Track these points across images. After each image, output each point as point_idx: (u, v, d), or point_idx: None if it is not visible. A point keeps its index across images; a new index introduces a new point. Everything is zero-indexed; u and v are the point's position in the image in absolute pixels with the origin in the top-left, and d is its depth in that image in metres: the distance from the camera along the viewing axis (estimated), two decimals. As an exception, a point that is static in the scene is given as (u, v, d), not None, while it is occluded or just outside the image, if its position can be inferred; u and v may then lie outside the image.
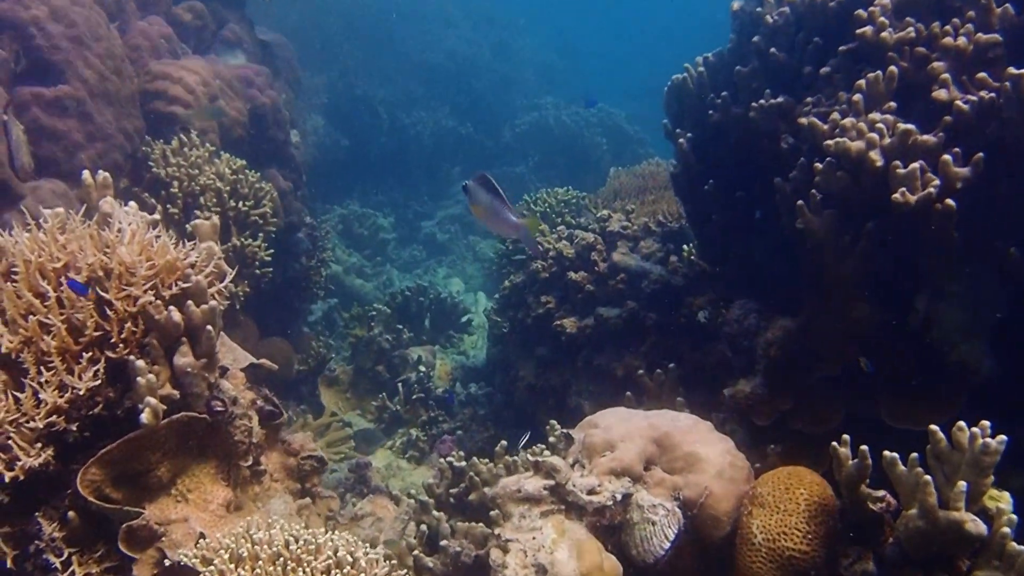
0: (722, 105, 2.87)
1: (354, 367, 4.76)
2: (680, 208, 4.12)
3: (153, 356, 1.98)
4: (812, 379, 2.59)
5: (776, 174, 2.62)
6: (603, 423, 2.43)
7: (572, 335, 3.74)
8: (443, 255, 9.42)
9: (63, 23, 3.05)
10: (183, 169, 3.39)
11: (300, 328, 5.27)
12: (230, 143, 3.79)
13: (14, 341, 1.87)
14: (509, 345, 4.41)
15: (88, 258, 1.94)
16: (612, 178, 4.97)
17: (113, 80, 3.21)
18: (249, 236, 3.57)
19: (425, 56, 11.28)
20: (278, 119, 4.11)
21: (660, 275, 3.64)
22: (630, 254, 3.78)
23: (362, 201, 9.74)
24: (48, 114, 3.01)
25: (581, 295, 3.78)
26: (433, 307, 5.67)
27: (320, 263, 4.81)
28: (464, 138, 10.83)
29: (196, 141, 3.52)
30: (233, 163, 3.59)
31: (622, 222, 3.91)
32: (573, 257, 3.85)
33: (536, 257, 3.82)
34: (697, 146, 3.08)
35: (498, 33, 13.23)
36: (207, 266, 2.12)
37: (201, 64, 3.72)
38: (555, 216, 4.69)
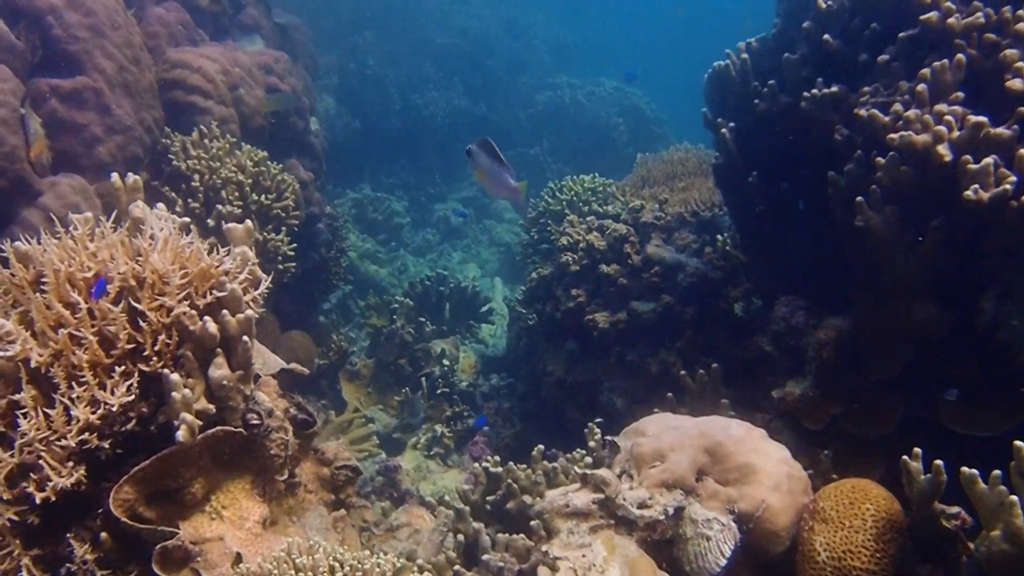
0: (768, 94, 2.77)
1: (375, 360, 4.69)
2: (713, 196, 4.04)
3: (188, 368, 1.91)
4: (867, 382, 2.51)
5: (828, 167, 2.53)
6: (651, 430, 2.36)
7: (604, 330, 3.66)
8: (457, 239, 9.34)
9: (80, 12, 2.96)
10: (204, 162, 3.31)
11: (317, 318, 5.21)
12: (250, 133, 3.71)
13: (44, 355, 1.80)
14: (536, 338, 4.34)
15: (120, 267, 1.86)
16: (639, 164, 4.86)
17: (132, 70, 3.13)
18: (272, 230, 3.49)
19: (437, 34, 11.13)
20: (298, 107, 4.03)
21: (696, 268, 3.56)
22: (664, 246, 3.69)
23: (374, 184, 9.66)
24: (66, 106, 2.93)
25: (614, 288, 3.70)
26: (453, 297, 5.60)
27: (340, 253, 4.74)
28: (478, 119, 10.70)
29: (216, 132, 3.44)
30: (254, 155, 3.51)
31: (655, 212, 3.82)
32: (605, 249, 3.77)
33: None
34: (740, 136, 2.99)
35: (509, 9, 13.05)
36: (241, 272, 2.05)
37: (220, 51, 3.63)
38: (581, 204, 4.60)
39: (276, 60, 3.98)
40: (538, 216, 4.81)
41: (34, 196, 2.83)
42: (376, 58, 10.18)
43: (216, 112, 3.51)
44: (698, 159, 4.75)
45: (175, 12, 3.65)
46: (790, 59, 2.67)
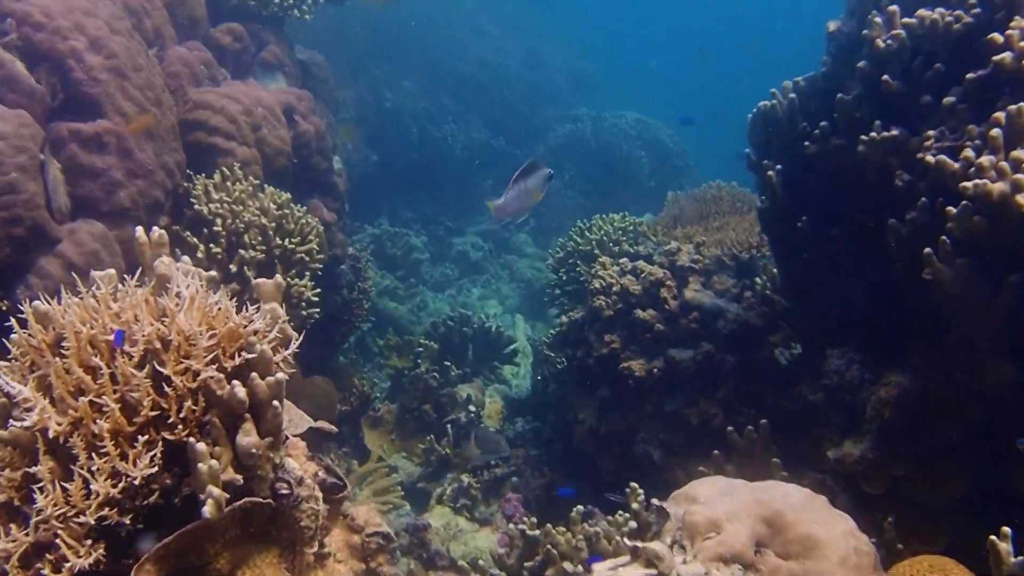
0: (820, 136, 2.67)
1: (398, 405, 4.58)
2: (751, 237, 3.93)
3: (214, 436, 1.80)
4: (933, 444, 2.37)
5: (886, 213, 2.42)
6: (703, 496, 2.23)
7: (640, 378, 3.54)
8: (476, 274, 9.27)
9: (102, 54, 2.90)
10: (226, 205, 3.23)
11: (337, 360, 5.11)
12: (273, 174, 3.63)
13: (63, 423, 1.70)
14: (566, 384, 4.23)
15: (144, 328, 1.76)
16: (671, 203, 4.77)
17: (153, 112, 3.06)
18: (295, 275, 3.40)
19: (455, 66, 11.14)
20: (321, 147, 3.96)
21: (737, 314, 3.44)
22: (703, 290, 3.58)
23: (391, 218, 9.62)
24: (86, 151, 2.86)
25: (649, 335, 3.58)
26: (477, 337, 5.49)
27: (362, 294, 4.64)
28: (496, 151, 10.68)
29: (239, 174, 3.36)
30: (278, 197, 3.44)
31: (692, 255, 3.71)
32: (640, 293, 3.66)
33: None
34: (787, 179, 2.88)
35: (527, 41, 13.07)
36: (271, 331, 1.95)
37: (243, 91, 3.57)
38: (611, 244, 4.50)
39: (299, 98, 3.92)
40: (566, 256, 4.71)
41: (52, 244, 2.75)
42: (394, 91, 10.19)
43: (239, 153, 3.44)
44: (732, 197, 4.65)
45: (197, 51, 3.59)
46: (844, 100, 2.57)
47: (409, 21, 11.03)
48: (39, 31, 2.79)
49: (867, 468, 2.49)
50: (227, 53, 3.89)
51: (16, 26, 2.80)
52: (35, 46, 2.80)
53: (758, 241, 4.02)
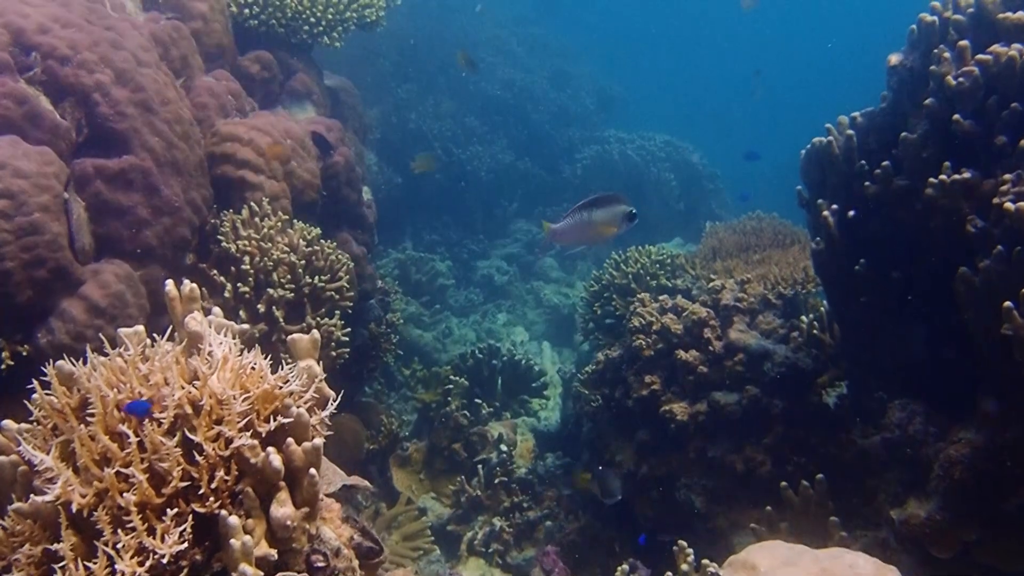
0: (882, 176, 2.55)
1: (427, 444, 4.47)
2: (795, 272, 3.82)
3: (247, 507, 1.70)
4: (1008, 507, 2.23)
5: (956, 260, 2.30)
6: (763, 566, 2.11)
7: (682, 422, 3.42)
8: (501, 299, 9.17)
9: (129, 87, 2.84)
10: (254, 242, 3.16)
11: (363, 395, 5.02)
12: (301, 207, 3.56)
13: (87, 495, 1.61)
14: (601, 424, 4.10)
15: (175, 391, 1.67)
16: (709, 235, 4.65)
17: (181, 147, 2.99)
18: (324, 314, 3.31)
19: (481, 87, 11.08)
20: (351, 178, 3.88)
21: (785, 357, 3.31)
22: (748, 331, 3.45)
23: (415, 240, 9.56)
24: (111, 188, 2.79)
25: (692, 377, 3.46)
26: (506, 370, 5.38)
27: (390, 328, 4.55)
28: (523, 173, 10.59)
29: (268, 209, 3.29)
30: (307, 233, 3.36)
31: (735, 293, 3.59)
32: (682, 333, 3.54)
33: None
34: (844, 220, 2.76)
35: (553, 61, 13.01)
36: (308, 391, 1.85)
37: (271, 122, 3.50)
38: (648, 278, 4.38)
39: (329, 129, 3.84)
40: (601, 289, 4.60)
41: (75, 285, 2.68)
42: (418, 112, 10.14)
43: (267, 188, 3.36)
44: (773, 230, 4.52)
45: (225, 81, 3.53)
46: (909, 139, 2.46)
47: (435, 42, 11.01)
48: (65, 65, 2.73)
49: (934, 531, 2.35)
50: (255, 82, 3.83)
51: (41, 59, 2.74)
52: (60, 80, 2.74)
53: (803, 277, 3.89)
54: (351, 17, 4.02)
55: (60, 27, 2.77)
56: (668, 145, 10.57)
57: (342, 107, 4.66)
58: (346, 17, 4.00)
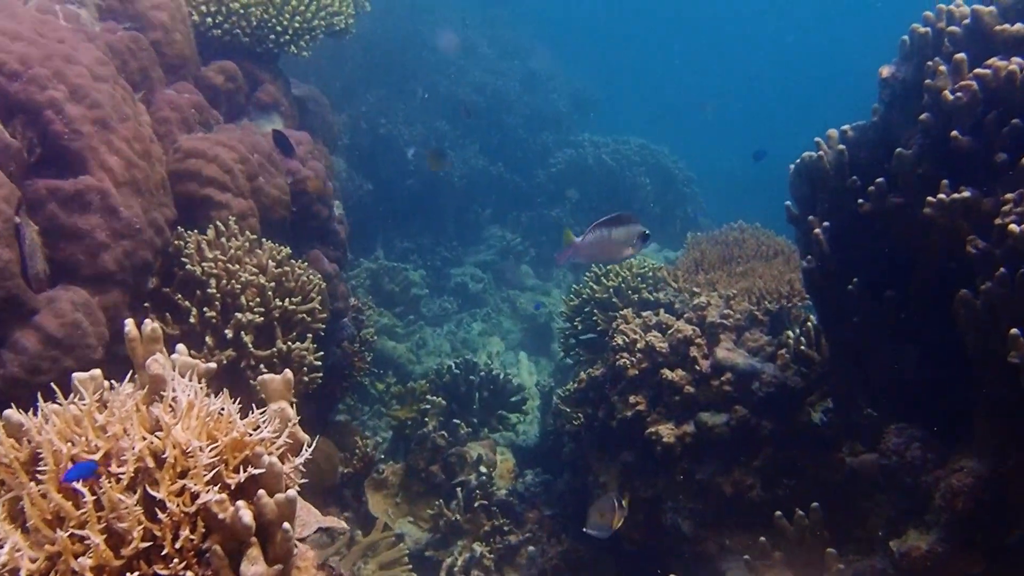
0: (876, 193, 2.49)
1: (404, 466, 4.36)
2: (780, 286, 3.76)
3: (215, 567, 1.59)
4: (1013, 537, 2.18)
5: (955, 281, 2.24)
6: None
7: (669, 445, 3.34)
8: (476, 307, 9.08)
9: (84, 104, 2.70)
10: (221, 264, 3.03)
11: (336, 415, 4.91)
12: (270, 225, 3.44)
13: (38, 559, 1.49)
14: (584, 444, 4.02)
15: (135, 443, 1.56)
16: (691, 245, 4.58)
17: (141, 166, 2.86)
18: (295, 337, 3.20)
19: (452, 90, 10.97)
20: (322, 194, 3.76)
21: (773, 376, 3.25)
22: (736, 349, 3.39)
23: (387, 248, 9.44)
24: (67, 211, 2.66)
25: (678, 397, 3.39)
26: (484, 386, 5.29)
27: (363, 345, 4.44)
28: (495, 178, 10.52)
29: (235, 229, 3.16)
30: (276, 253, 3.24)
31: (721, 310, 3.52)
32: (667, 352, 3.46)
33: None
34: (836, 238, 2.70)
35: (526, 63, 12.93)
36: (280, 436, 1.74)
37: (238, 137, 3.37)
38: (630, 292, 4.30)
39: (298, 142, 3.72)
40: (581, 304, 4.52)
41: (29, 315, 2.54)
42: (388, 117, 10.01)
43: (234, 206, 3.24)
44: (756, 240, 4.46)
45: (188, 94, 3.40)
46: (904, 155, 2.39)
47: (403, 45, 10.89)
48: (15, 81, 2.60)
49: (937, 564, 2.29)
50: (219, 94, 3.70)
51: (-10, 76, 2.61)
52: (10, 97, 2.60)
53: (789, 291, 3.84)
54: (319, 25, 3.90)
55: (9, 40, 2.64)
56: (643, 149, 10.53)
57: (311, 117, 4.54)
58: (314, 25, 3.88)
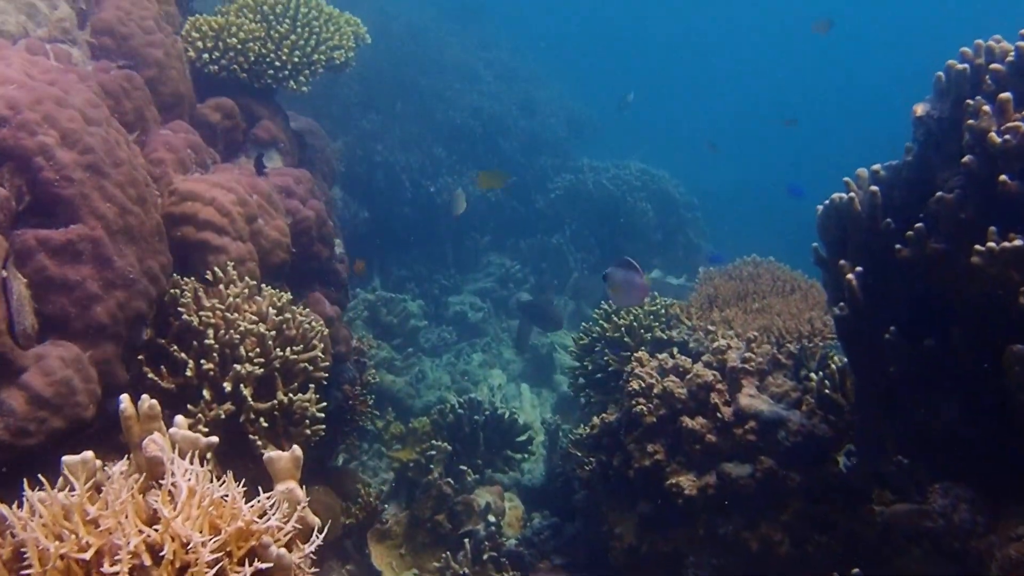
0: (915, 239, 2.37)
1: (408, 515, 4.21)
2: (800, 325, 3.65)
3: (220, 674, 1.45)
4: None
5: (1005, 334, 2.12)
6: None
7: (691, 497, 3.21)
8: (476, 337, 8.95)
9: (76, 149, 2.58)
10: (219, 313, 2.91)
11: (336, 460, 4.76)
12: (270, 269, 3.31)
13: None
14: (597, 492, 3.88)
15: (131, 538, 1.42)
16: (703, 281, 4.47)
17: (135, 212, 2.74)
18: (297, 388, 3.07)
19: (448, 115, 10.89)
20: (323, 233, 3.64)
21: (801, 424, 3.12)
22: (759, 395, 3.26)
23: (383, 277, 9.32)
24: (58, 262, 2.53)
25: (700, 446, 3.25)
26: (488, 425, 5.15)
27: (365, 388, 4.30)
28: (494, 205, 10.41)
29: (233, 275, 3.04)
30: (277, 299, 3.11)
31: (742, 353, 3.40)
32: (686, 398, 3.33)
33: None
34: (870, 284, 2.58)
35: (522, 85, 12.86)
36: (289, 521, 1.61)
37: (235, 177, 3.25)
38: (643, 331, 4.19)
39: (297, 180, 3.61)
40: (591, 342, 4.39)
41: (15, 373, 2.41)
42: (385, 143, 9.91)
43: (232, 250, 3.11)
44: (771, 275, 4.36)
45: (183, 134, 3.28)
46: (945, 199, 2.28)
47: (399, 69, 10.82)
48: (2, 126, 2.48)
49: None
50: (216, 131, 3.58)
51: (-24, 121, 2.48)
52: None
53: (809, 330, 3.73)
54: (319, 60, 3.80)
55: (-4, 83, 2.52)
56: (644, 174, 10.45)
57: (309, 151, 4.43)
58: (313, 60, 3.78)
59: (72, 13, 3.17)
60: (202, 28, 3.61)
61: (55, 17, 3.08)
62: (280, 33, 3.73)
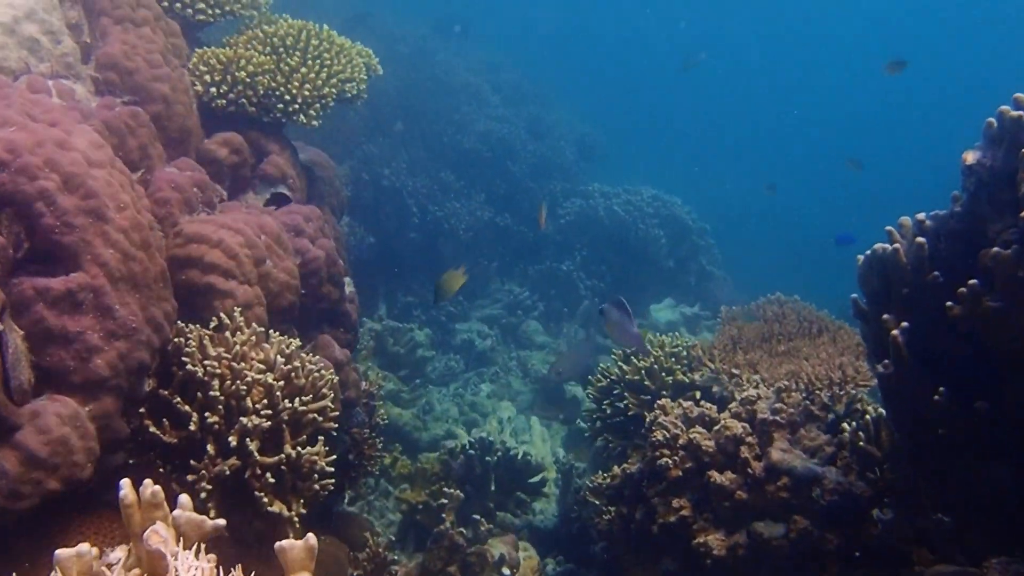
0: (968, 296, 2.25)
1: (419, 567, 4.08)
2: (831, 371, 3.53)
3: None
4: None
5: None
6: None
7: (719, 557, 3.08)
8: (483, 366, 8.84)
9: (78, 194, 2.48)
10: (225, 362, 2.79)
11: (342, 505, 4.63)
12: (278, 313, 3.20)
13: None
14: (618, 545, 3.74)
15: (130, 649, 1.30)
16: (726, 321, 4.35)
17: (139, 258, 2.63)
18: (305, 441, 2.94)
19: (456, 139, 10.81)
20: (332, 273, 3.53)
21: (837, 482, 2.99)
22: (791, 450, 3.13)
23: (389, 302, 9.22)
24: (56, 313, 2.42)
25: (729, 503, 3.12)
26: (500, 466, 5.03)
27: (374, 432, 4.18)
28: (502, 230, 10.30)
29: (240, 321, 2.93)
30: (285, 345, 3.00)
31: (772, 403, 3.27)
32: (713, 451, 3.21)
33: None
34: (917, 341, 2.46)
35: (529, 108, 12.79)
36: (304, 622, 1.49)
37: (243, 218, 3.14)
38: (663, 373, 4.06)
39: (307, 218, 3.50)
40: (609, 385, 4.27)
41: (9, 432, 2.29)
42: (391, 167, 9.82)
43: (239, 295, 3.00)
44: (798, 316, 4.23)
45: (190, 172, 3.18)
46: (1002, 255, 2.17)
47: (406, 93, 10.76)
48: (1, 171, 2.38)
49: None
50: (223, 168, 3.48)
51: (-28, 165, 2.38)
52: (-6, 188, 2.37)
53: (840, 377, 3.60)
54: (330, 93, 3.70)
55: (-5, 125, 2.42)
56: (656, 200, 10.34)
57: (318, 184, 4.32)
58: (324, 93, 3.68)
59: (76, 47, 3.07)
60: (210, 61, 3.51)
61: (58, 52, 2.99)
62: (290, 66, 3.63)
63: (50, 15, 3.01)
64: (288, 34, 3.73)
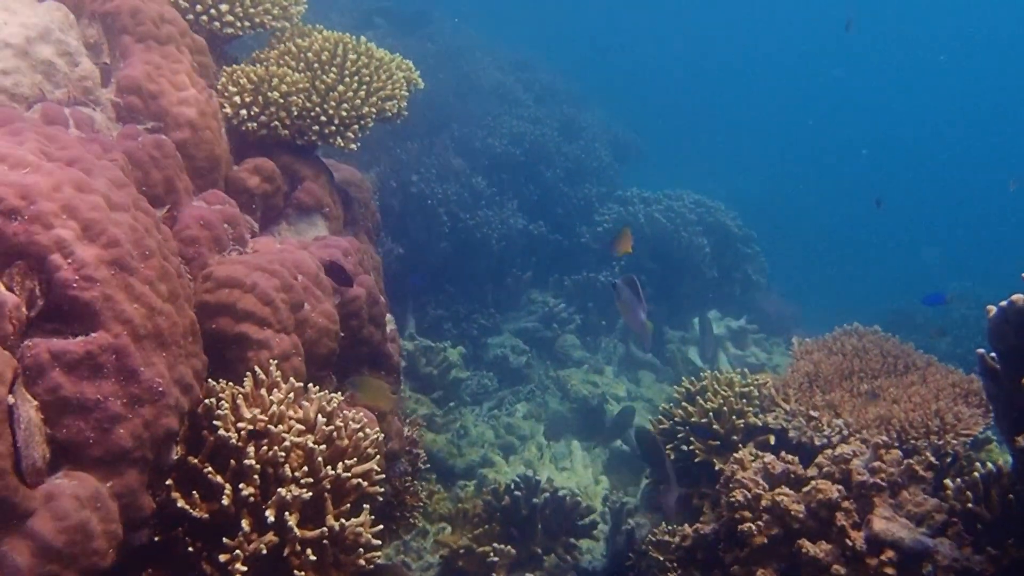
0: None
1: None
2: (928, 417, 3.25)
3: None
4: None
5: None
6: None
7: (814, 639, 2.81)
8: (518, 383, 8.60)
9: (99, 243, 2.25)
10: (260, 425, 2.55)
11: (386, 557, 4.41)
12: (316, 361, 2.97)
13: None
14: (688, 609, 3.48)
15: None
16: (800, 355, 4.07)
17: (166, 311, 2.40)
18: (349, 510, 2.70)
19: (487, 143, 10.56)
20: (373, 313, 3.29)
21: (953, 558, 2.71)
22: (896, 517, 2.85)
23: (418, 316, 8.99)
24: (74, 379, 2.19)
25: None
26: (547, 507, 4.78)
27: (416, 480, 3.95)
28: (537, 239, 10.05)
29: (276, 376, 2.69)
30: (326, 402, 2.76)
31: (867, 461, 3.00)
32: (804, 517, 2.93)
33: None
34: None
35: (562, 108, 12.51)
36: None
37: (278, 258, 2.90)
38: (733, 416, 3.79)
39: (346, 253, 3.26)
40: (672, 428, 4.00)
41: (21, 518, 2.06)
42: (420, 173, 9.59)
43: (275, 345, 2.77)
44: (880, 351, 3.95)
45: (219, 205, 2.94)
46: None
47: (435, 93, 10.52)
48: (13, 220, 2.15)
49: None
50: (254, 197, 3.25)
51: (-21, 213, 2.16)
52: (8, 240, 2.15)
53: (939, 425, 3.32)
54: (369, 113, 3.45)
55: (7, 168, 2.20)
56: (699, 205, 10.06)
57: (353, 206, 4.08)
58: (364, 113, 3.43)
59: (95, 69, 2.85)
60: (240, 81, 3.28)
61: (76, 76, 2.76)
62: (326, 84, 3.39)
63: (67, 35, 2.79)
64: (324, 48, 3.49)
